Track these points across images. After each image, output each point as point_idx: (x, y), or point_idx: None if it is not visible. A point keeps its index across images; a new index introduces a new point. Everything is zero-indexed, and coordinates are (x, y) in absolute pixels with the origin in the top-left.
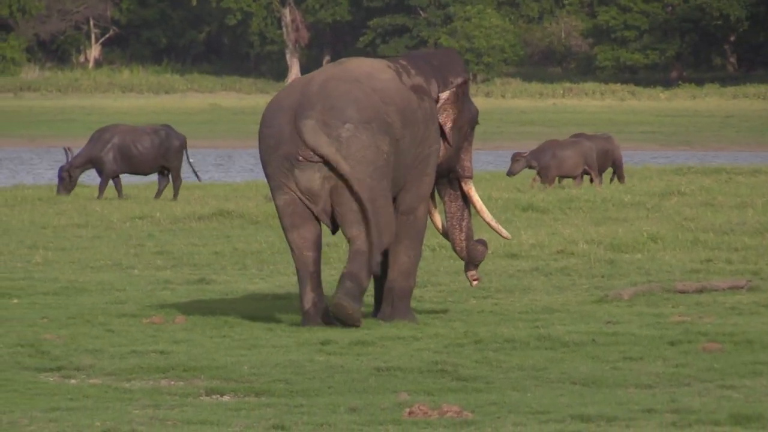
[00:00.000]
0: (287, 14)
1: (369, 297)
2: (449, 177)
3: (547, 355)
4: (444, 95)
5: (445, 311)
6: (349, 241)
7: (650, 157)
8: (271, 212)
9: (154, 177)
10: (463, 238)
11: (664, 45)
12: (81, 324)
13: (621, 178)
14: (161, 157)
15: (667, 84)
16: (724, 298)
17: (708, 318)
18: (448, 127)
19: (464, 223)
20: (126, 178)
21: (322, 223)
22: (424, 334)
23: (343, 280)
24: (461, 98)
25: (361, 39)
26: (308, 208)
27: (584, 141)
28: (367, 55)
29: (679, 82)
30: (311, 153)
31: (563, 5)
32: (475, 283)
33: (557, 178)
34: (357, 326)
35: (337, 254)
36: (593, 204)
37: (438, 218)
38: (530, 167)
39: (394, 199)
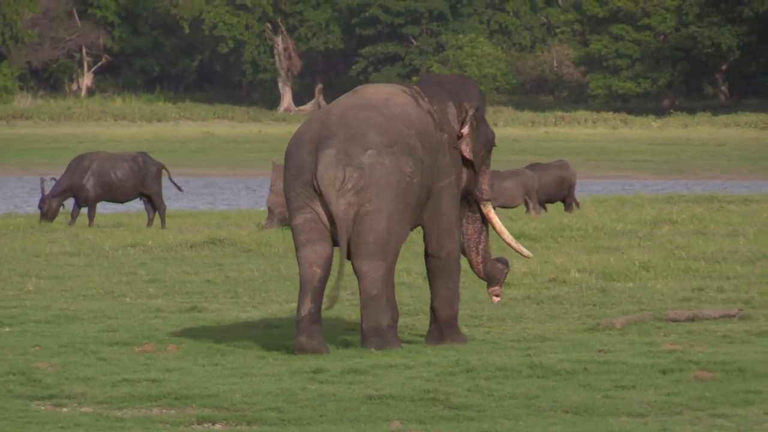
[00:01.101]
0: (280, 42)
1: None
2: (467, 199)
3: (539, 383)
4: (465, 130)
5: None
6: (356, 273)
7: (642, 186)
8: (263, 240)
9: (139, 204)
10: (480, 261)
11: (656, 73)
12: (73, 352)
13: (569, 207)
14: (139, 184)
15: (659, 112)
16: (716, 326)
17: (700, 346)
18: (468, 155)
19: (481, 246)
20: (119, 206)
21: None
22: (416, 362)
23: (367, 338)
24: (479, 125)
25: (353, 67)
26: (327, 229)
27: (525, 171)
28: (358, 83)
29: (671, 111)
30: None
31: (555, 34)
32: (495, 299)
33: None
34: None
35: (328, 282)
36: (585, 232)
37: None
38: None
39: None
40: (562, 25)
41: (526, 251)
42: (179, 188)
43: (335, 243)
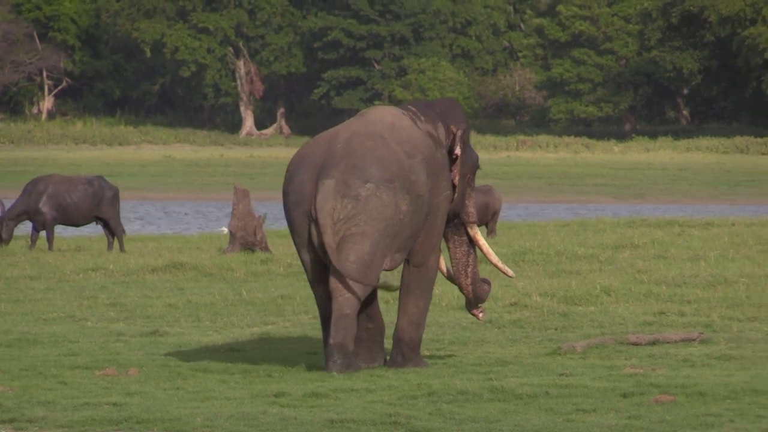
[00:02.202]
0: (241, 66)
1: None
2: (454, 223)
3: (500, 407)
4: (458, 151)
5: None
6: (332, 291)
7: (604, 210)
8: (224, 265)
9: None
10: (469, 283)
11: (618, 98)
12: (34, 376)
13: (492, 232)
14: (95, 207)
15: (621, 137)
16: (677, 350)
17: (660, 370)
18: (457, 176)
19: (470, 269)
20: (79, 230)
21: None
22: (377, 386)
23: (331, 353)
24: (465, 147)
25: (315, 91)
26: (324, 262)
27: (492, 191)
28: (320, 107)
29: (633, 135)
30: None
31: (517, 58)
32: (480, 316)
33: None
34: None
35: (290, 306)
36: (547, 256)
37: (443, 264)
38: None
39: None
40: (524, 50)
41: (510, 272)
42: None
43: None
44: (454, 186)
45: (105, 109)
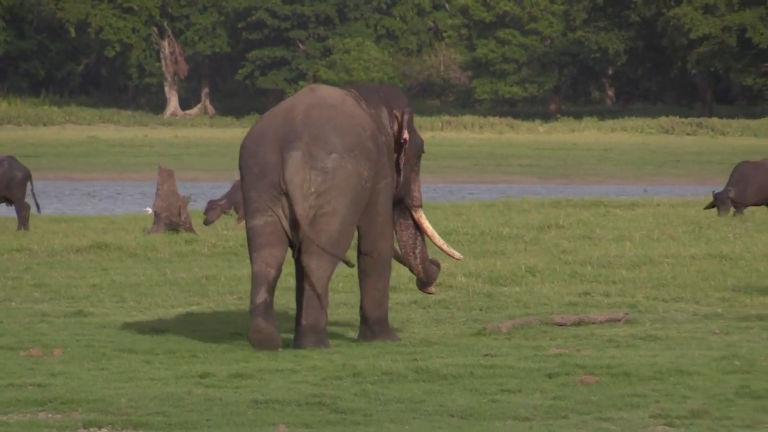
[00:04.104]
0: (166, 46)
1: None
2: (400, 207)
3: (425, 387)
4: (406, 135)
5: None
6: (305, 270)
7: (529, 190)
8: (149, 245)
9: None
10: (418, 263)
11: (543, 78)
12: None
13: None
14: (4, 187)
15: (546, 117)
16: (602, 330)
17: (585, 351)
18: (401, 161)
19: (418, 250)
20: (3, 211)
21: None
22: (302, 366)
23: (305, 335)
24: (411, 131)
25: (239, 71)
26: (286, 232)
27: None
28: (245, 87)
29: (558, 116)
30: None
31: (442, 38)
32: (432, 290)
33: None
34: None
35: (215, 287)
36: (472, 237)
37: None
38: (226, 213)
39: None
40: (448, 30)
41: (457, 254)
42: (37, 206)
43: (291, 245)
44: (399, 170)
45: (29, 89)
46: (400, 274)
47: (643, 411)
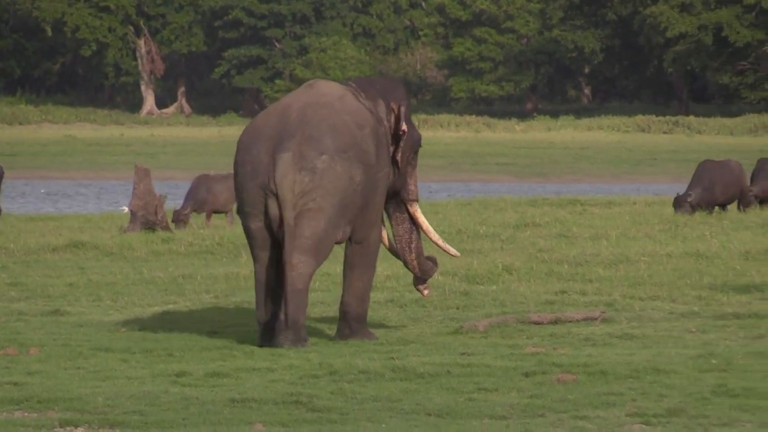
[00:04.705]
0: (142, 45)
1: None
2: (395, 200)
3: (401, 386)
4: (404, 127)
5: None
6: (287, 266)
7: (505, 189)
8: (125, 244)
9: None
10: (413, 258)
11: (519, 77)
12: None
13: None
14: None
15: (522, 116)
16: (579, 329)
17: (562, 349)
18: (398, 154)
19: (413, 245)
20: None
21: None
22: (278, 365)
23: (283, 331)
24: (408, 125)
25: (216, 70)
26: (274, 233)
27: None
28: (221, 86)
29: (534, 114)
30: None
31: (418, 36)
32: (426, 292)
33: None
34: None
35: (191, 285)
36: (448, 235)
37: (386, 238)
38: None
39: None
40: (425, 28)
41: (453, 250)
42: None
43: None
44: (396, 163)
45: (5, 88)
46: (376, 273)
47: (620, 409)
